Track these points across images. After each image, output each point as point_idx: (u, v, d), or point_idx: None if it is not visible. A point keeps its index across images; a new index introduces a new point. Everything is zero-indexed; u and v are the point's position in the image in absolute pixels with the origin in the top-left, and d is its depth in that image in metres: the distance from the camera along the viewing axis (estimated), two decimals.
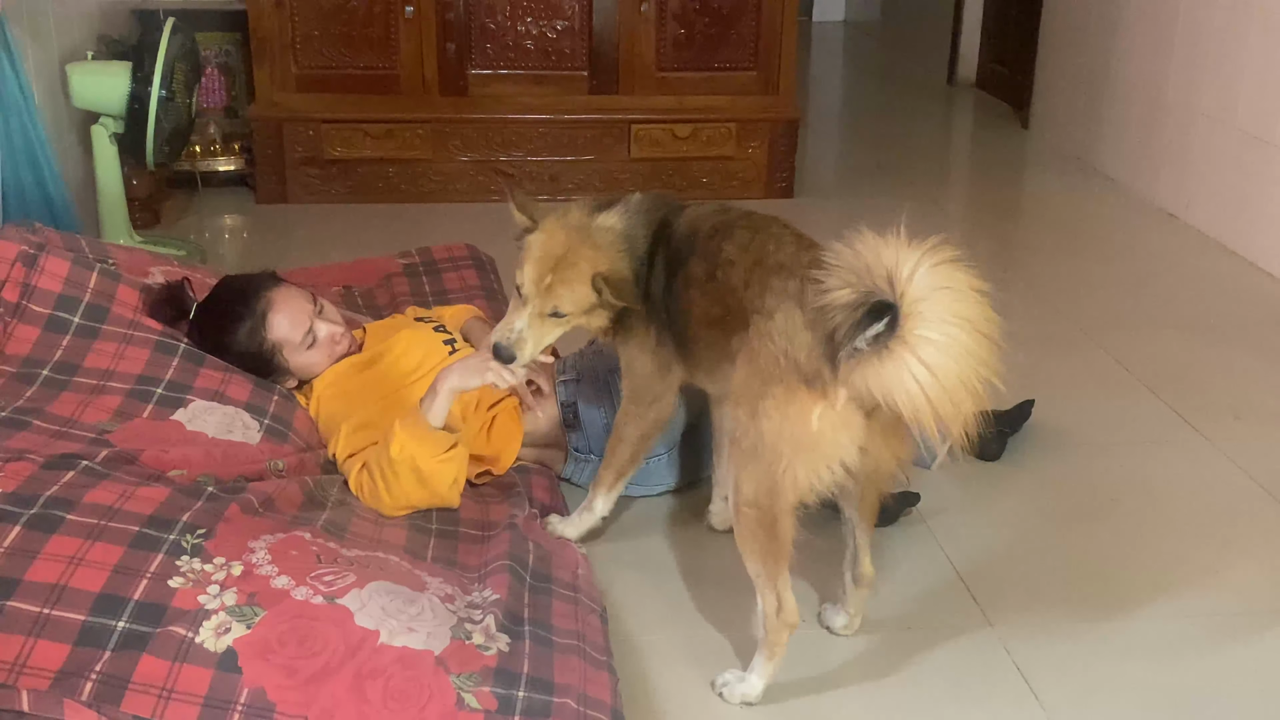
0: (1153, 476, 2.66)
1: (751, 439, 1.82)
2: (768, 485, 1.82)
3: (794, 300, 1.80)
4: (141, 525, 1.77)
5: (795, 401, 1.77)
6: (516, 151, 4.46)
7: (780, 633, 1.90)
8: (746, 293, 1.89)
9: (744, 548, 1.90)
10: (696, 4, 4.46)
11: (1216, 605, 2.22)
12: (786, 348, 1.79)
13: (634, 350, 2.12)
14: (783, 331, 1.80)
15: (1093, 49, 5.06)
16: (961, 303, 1.67)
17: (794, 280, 1.82)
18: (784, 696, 1.94)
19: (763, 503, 1.83)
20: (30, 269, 2.27)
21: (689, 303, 2.01)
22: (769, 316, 1.82)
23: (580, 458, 2.48)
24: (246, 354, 2.39)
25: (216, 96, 4.57)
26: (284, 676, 1.60)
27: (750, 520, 1.86)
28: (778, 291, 1.83)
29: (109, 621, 1.63)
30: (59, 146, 3.57)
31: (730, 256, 1.95)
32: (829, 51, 8.13)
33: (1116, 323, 3.49)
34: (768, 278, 1.87)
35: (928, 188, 4.93)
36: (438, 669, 1.65)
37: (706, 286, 1.97)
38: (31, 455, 1.89)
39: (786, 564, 1.88)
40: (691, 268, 2.00)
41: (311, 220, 4.26)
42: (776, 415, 1.79)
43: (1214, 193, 4.20)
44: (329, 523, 2.01)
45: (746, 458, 1.84)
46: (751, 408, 1.82)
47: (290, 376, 2.44)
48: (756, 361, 1.83)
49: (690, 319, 2.02)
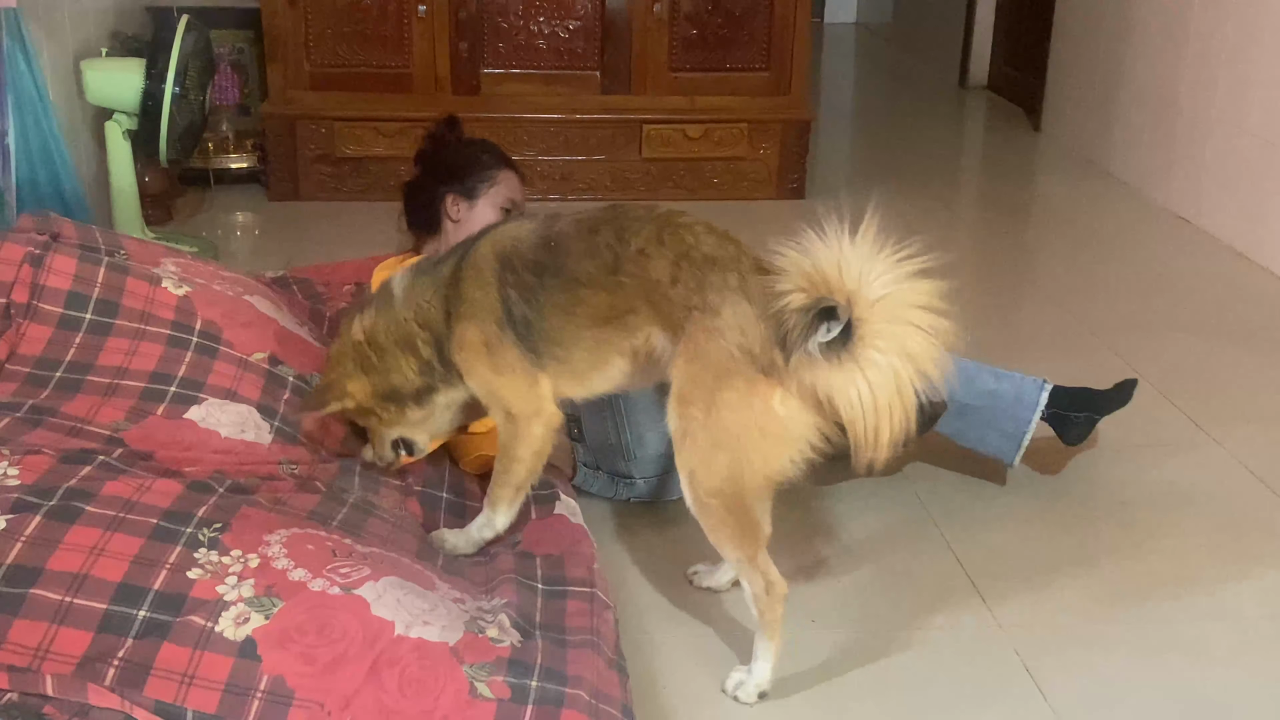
0: (1163, 480, 2.67)
1: (711, 432, 1.84)
2: (734, 474, 1.84)
3: (738, 293, 1.83)
4: (159, 518, 1.78)
5: (756, 391, 1.80)
6: (528, 151, 4.47)
7: (775, 608, 1.91)
8: (675, 288, 1.88)
9: (716, 536, 1.91)
10: (709, 4, 4.48)
11: (1227, 609, 2.22)
12: (740, 341, 1.81)
13: (487, 375, 2.05)
14: (733, 326, 1.82)
15: (1105, 52, 5.06)
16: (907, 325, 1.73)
17: (732, 274, 1.85)
18: (793, 698, 1.95)
19: (728, 490, 1.85)
20: (38, 269, 2.27)
21: (574, 303, 1.96)
22: (714, 313, 1.83)
23: (588, 470, 2.49)
24: (449, 179, 2.62)
25: (230, 94, 4.59)
26: (303, 664, 1.61)
27: (718, 509, 1.87)
28: (718, 287, 1.84)
29: (130, 610, 1.65)
30: (73, 143, 3.59)
31: (642, 248, 1.91)
32: (841, 53, 8.14)
33: (1127, 326, 3.50)
34: (702, 273, 1.86)
35: (939, 189, 4.94)
36: (452, 659, 1.66)
37: (606, 282, 1.93)
38: (47, 450, 1.90)
39: (763, 543, 1.91)
40: (571, 267, 1.96)
41: (324, 218, 4.27)
42: (740, 405, 1.81)
43: (1226, 197, 4.20)
44: (345, 521, 2.02)
45: (706, 451, 1.85)
46: (706, 403, 1.83)
47: (432, 239, 2.62)
48: (705, 357, 1.83)
49: (572, 320, 1.98)
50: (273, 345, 2.39)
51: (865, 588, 2.26)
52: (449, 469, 2.42)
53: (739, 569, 1.92)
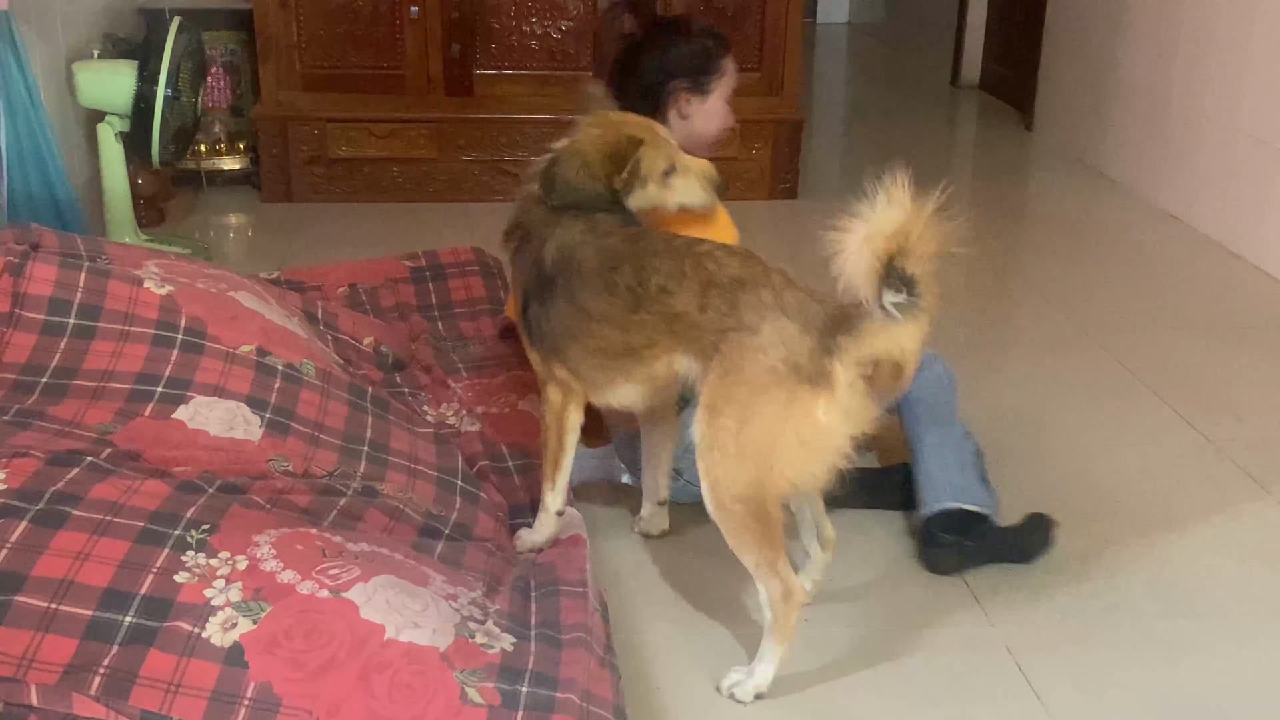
0: (1154, 477, 2.67)
1: (740, 442, 1.87)
2: (760, 480, 1.87)
3: (775, 309, 1.87)
4: (146, 521, 1.78)
5: (798, 401, 1.84)
6: (521, 152, 4.46)
7: (790, 615, 1.92)
8: (705, 315, 1.91)
9: (737, 542, 1.93)
10: (701, 4, 4.47)
11: (1218, 605, 2.23)
12: (784, 355, 1.85)
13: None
14: (775, 342, 1.86)
15: (1097, 51, 5.06)
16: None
17: (765, 290, 1.89)
18: (787, 695, 1.95)
19: (753, 496, 1.88)
20: (18, 278, 2.27)
21: (585, 334, 2.04)
22: (753, 331, 1.87)
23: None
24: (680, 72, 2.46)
25: (222, 95, 4.58)
26: (291, 670, 1.60)
27: (740, 515, 1.90)
28: (753, 305, 1.88)
29: (116, 616, 1.64)
30: (65, 145, 3.58)
31: (664, 285, 1.96)
32: (833, 53, 8.13)
33: (1119, 324, 3.50)
34: (733, 295, 1.90)
35: (932, 189, 4.92)
36: (443, 664, 1.65)
37: (623, 320, 1.99)
38: (35, 452, 1.90)
39: (783, 549, 1.92)
40: (585, 300, 2.02)
41: (316, 219, 4.27)
42: (777, 417, 1.85)
43: (1217, 195, 4.20)
44: (339, 516, 2.01)
45: (733, 459, 1.88)
46: (740, 415, 1.87)
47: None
48: (741, 372, 1.87)
49: (580, 346, 2.05)
50: (259, 338, 2.38)
51: (859, 587, 2.27)
52: (462, 451, 2.44)
53: (757, 574, 1.93)
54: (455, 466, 2.37)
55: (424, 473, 2.31)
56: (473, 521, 2.22)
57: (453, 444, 2.47)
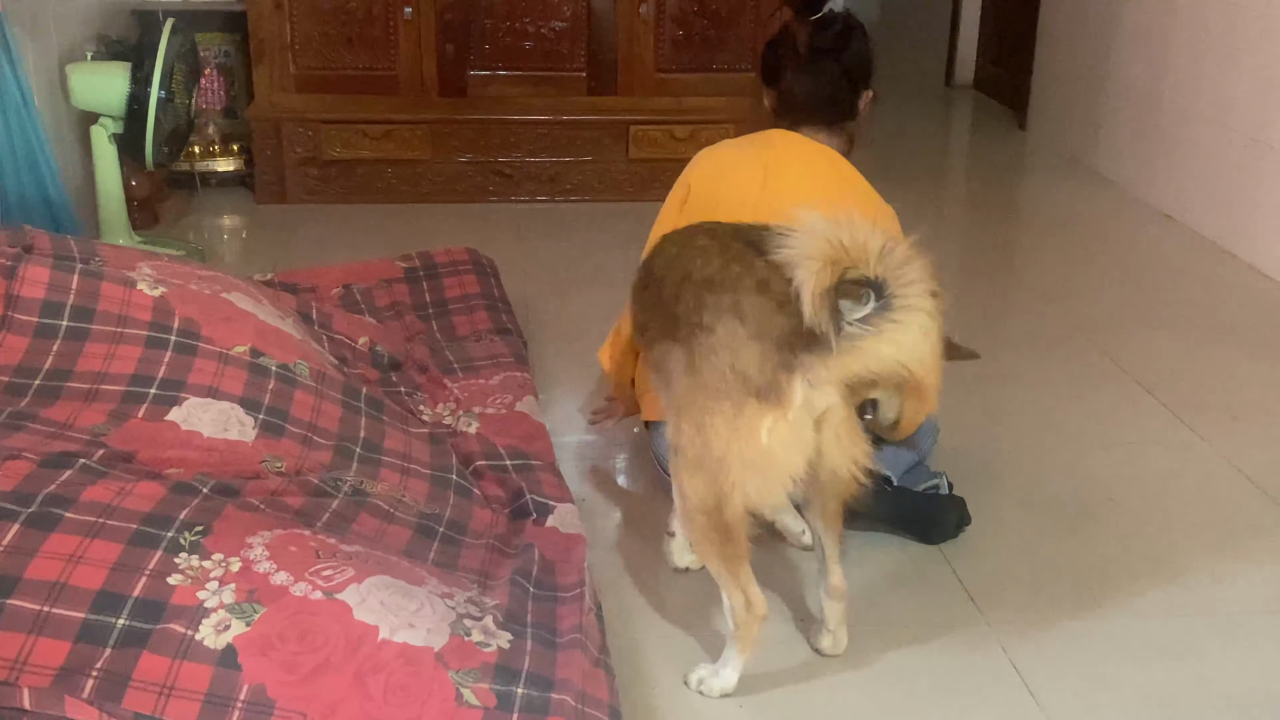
0: (1149, 476, 2.67)
1: (697, 449, 1.84)
2: (716, 496, 1.83)
3: (731, 313, 1.81)
4: (139, 523, 1.77)
5: (743, 416, 1.78)
6: (515, 152, 4.46)
7: (750, 626, 1.90)
8: (678, 306, 1.90)
9: (699, 550, 1.93)
10: (695, 5, 4.48)
11: (1213, 605, 2.23)
12: (733, 362, 1.78)
13: None
14: (726, 345, 1.79)
15: (1090, 51, 5.07)
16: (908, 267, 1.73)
17: (727, 295, 1.83)
18: (778, 696, 1.95)
19: (712, 510, 1.85)
20: (11, 280, 2.27)
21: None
22: (709, 331, 1.82)
23: None
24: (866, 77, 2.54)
25: (216, 97, 4.57)
26: (284, 673, 1.60)
27: (703, 525, 1.87)
28: (713, 307, 1.84)
29: (109, 619, 1.64)
30: (58, 147, 3.57)
31: (659, 273, 2.00)
32: None
33: (1112, 323, 3.50)
34: (700, 293, 1.87)
35: (925, 189, 4.94)
36: (438, 665, 1.65)
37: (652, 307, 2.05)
38: (28, 454, 1.89)
39: (746, 560, 1.89)
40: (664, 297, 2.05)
41: (310, 220, 4.26)
42: (725, 430, 1.79)
43: (1210, 194, 4.21)
44: (332, 518, 2.01)
45: (693, 467, 1.85)
46: (696, 421, 1.83)
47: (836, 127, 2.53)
48: (699, 375, 1.83)
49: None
50: (253, 338, 2.38)
51: (853, 586, 2.26)
52: (454, 449, 2.44)
53: (719, 583, 1.91)
54: (449, 464, 2.37)
55: (417, 470, 2.31)
56: (467, 517, 2.22)
57: (447, 443, 2.47)
